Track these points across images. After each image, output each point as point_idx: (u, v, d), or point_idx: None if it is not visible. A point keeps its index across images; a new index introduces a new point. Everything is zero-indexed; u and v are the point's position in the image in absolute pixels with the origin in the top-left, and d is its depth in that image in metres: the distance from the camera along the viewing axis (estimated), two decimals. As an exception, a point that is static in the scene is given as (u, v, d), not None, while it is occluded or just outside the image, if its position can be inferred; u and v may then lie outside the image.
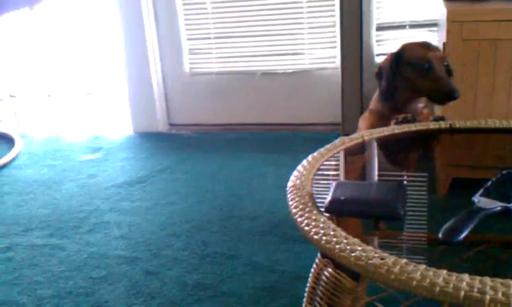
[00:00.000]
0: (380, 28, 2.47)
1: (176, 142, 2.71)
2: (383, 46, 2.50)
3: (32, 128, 3.09)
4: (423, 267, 0.72)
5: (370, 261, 0.75)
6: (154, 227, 1.94)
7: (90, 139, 2.85)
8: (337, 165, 1.29)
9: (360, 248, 0.79)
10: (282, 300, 1.51)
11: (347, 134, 1.31)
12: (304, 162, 1.19)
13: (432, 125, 1.34)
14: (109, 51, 2.90)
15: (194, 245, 1.80)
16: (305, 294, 0.99)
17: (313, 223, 0.91)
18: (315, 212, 0.95)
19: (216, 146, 2.62)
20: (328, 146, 1.25)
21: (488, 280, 0.68)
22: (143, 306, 1.52)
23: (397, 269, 0.72)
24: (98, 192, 2.25)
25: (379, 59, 2.47)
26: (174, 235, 1.88)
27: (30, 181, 2.40)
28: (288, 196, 1.04)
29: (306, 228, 0.91)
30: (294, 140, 2.59)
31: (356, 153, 1.31)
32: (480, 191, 0.99)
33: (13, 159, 2.62)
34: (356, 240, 0.82)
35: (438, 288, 0.67)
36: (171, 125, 2.90)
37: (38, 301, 1.59)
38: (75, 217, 2.06)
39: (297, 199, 1.01)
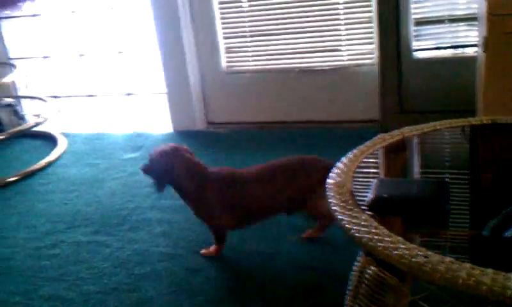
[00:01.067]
0: (419, 23, 2.43)
1: (214, 140, 2.74)
2: (422, 41, 2.46)
3: (75, 127, 3.17)
4: (468, 265, 0.72)
5: (414, 260, 0.75)
6: (194, 224, 1.96)
7: (131, 138, 2.90)
8: (377, 162, 1.28)
9: (403, 246, 0.79)
10: (324, 298, 1.51)
11: (385, 131, 1.30)
12: (344, 159, 1.19)
13: (474, 121, 1.32)
14: (148, 51, 2.94)
15: (233, 243, 1.81)
16: (348, 292, 0.99)
17: (354, 221, 0.91)
18: (356, 209, 0.95)
19: (254, 144, 2.63)
20: (368, 143, 1.25)
21: (535, 279, 0.67)
22: (185, 302, 1.55)
23: (442, 267, 0.72)
24: (139, 190, 2.29)
25: (418, 55, 2.43)
26: (214, 232, 1.90)
27: (73, 180, 2.47)
28: (329, 193, 1.04)
29: (348, 226, 0.91)
30: (332, 137, 2.58)
31: (395, 151, 1.30)
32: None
33: (57, 158, 2.69)
34: (399, 238, 0.82)
35: (484, 287, 0.67)
36: (209, 123, 2.93)
37: (84, 297, 1.64)
38: (118, 214, 2.11)
39: (337, 196, 1.01)
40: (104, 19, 2.96)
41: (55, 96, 3.18)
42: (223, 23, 2.76)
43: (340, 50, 2.64)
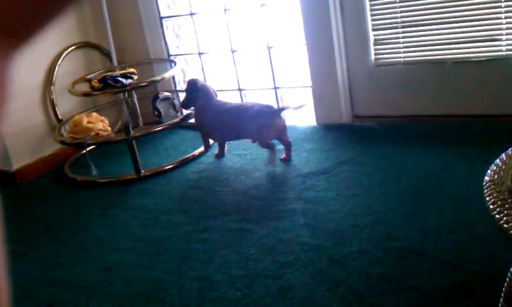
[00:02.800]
0: None
1: (360, 134, 2.70)
2: None
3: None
4: None
5: None
6: (338, 217, 1.96)
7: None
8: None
9: None
10: (473, 300, 1.43)
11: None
12: (503, 155, 1.11)
13: None
14: (295, 45, 2.98)
15: (378, 238, 1.78)
16: (502, 296, 0.93)
17: (513, 220, 0.85)
18: (516, 208, 0.88)
19: (402, 138, 2.55)
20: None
21: None
22: (327, 293, 1.56)
23: None
24: (284, 181, 2.34)
25: None
26: (358, 226, 1.88)
27: (224, 169, 2.59)
28: (485, 191, 0.98)
29: (506, 226, 0.85)
30: (488, 132, 2.41)
31: None
32: None
33: (209, 148, 2.84)
34: None
35: None
36: (355, 116, 2.89)
37: (231, 280, 1.72)
38: (264, 203, 2.17)
39: (495, 194, 0.95)
40: (253, 17, 3.06)
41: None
42: (373, 14, 2.70)
43: (499, 40, 2.45)
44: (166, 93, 3.29)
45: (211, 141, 2.83)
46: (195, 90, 2.64)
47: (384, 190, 2.09)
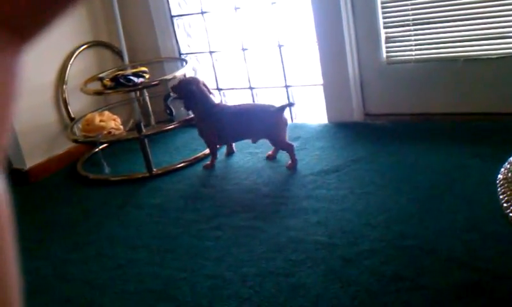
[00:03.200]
0: None
1: (371, 132, 2.69)
2: None
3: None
4: None
5: None
6: (350, 215, 1.96)
7: (290, 129, 2.95)
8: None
9: None
10: (485, 299, 1.42)
11: None
12: (517, 153, 1.10)
13: None
14: (305, 41, 2.98)
15: (390, 237, 1.78)
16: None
17: (528, 219, 0.84)
18: (530, 207, 0.88)
19: (414, 136, 2.54)
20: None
21: None
22: (340, 291, 1.56)
23: None
24: (295, 180, 2.34)
25: None
26: (370, 224, 1.87)
27: (235, 167, 2.60)
28: (499, 189, 0.98)
29: (521, 224, 0.85)
30: (501, 131, 2.40)
31: None
32: None
33: (221, 147, 2.84)
34: None
35: None
36: (367, 114, 2.88)
37: (243, 278, 1.72)
38: (275, 202, 2.17)
39: (509, 193, 0.95)
40: (264, 15, 3.05)
41: (219, 89, 3.36)
42: (384, 12, 2.69)
43: (510, 37, 2.44)
44: (177, 92, 3.29)
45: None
46: (194, 96, 2.58)
47: (396, 189, 2.08)
